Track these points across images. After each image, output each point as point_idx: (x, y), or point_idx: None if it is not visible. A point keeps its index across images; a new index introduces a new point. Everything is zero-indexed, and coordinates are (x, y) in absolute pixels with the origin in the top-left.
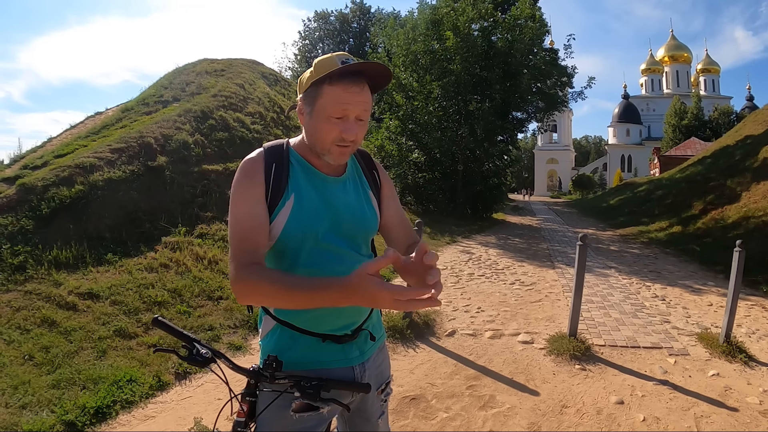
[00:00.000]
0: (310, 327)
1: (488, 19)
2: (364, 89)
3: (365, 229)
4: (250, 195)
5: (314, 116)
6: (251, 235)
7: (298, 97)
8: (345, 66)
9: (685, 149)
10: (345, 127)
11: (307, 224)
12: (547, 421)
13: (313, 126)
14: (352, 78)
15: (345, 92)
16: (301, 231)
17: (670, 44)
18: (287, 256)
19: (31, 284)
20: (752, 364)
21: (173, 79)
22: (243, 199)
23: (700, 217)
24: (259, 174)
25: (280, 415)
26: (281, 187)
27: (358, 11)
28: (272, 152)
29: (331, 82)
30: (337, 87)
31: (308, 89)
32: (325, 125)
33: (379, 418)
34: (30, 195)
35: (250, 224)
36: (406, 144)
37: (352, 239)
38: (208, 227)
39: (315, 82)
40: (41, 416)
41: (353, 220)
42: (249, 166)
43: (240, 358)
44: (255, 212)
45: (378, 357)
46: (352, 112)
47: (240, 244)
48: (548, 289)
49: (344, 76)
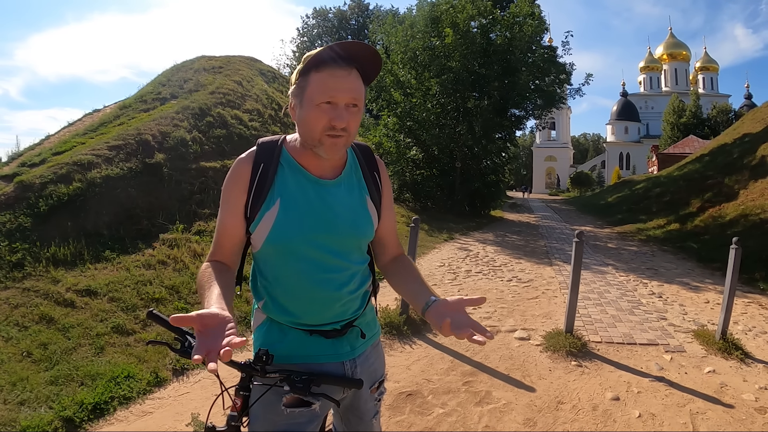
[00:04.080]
0: (294, 321)
1: (487, 17)
2: (352, 73)
3: (357, 235)
4: (231, 203)
5: (303, 107)
6: (219, 237)
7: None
8: (329, 48)
9: (683, 147)
10: (335, 114)
11: (293, 230)
12: (543, 417)
13: (302, 117)
14: (339, 62)
15: (331, 77)
16: (287, 237)
17: (668, 42)
18: (274, 261)
19: (29, 281)
20: (748, 361)
21: (171, 76)
22: (224, 203)
23: (698, 214)
24: (244, 180)
25: (272, 410)
26: (264, 192)
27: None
28: (264, 151)
29: (318, 69)
30: (323, 73)
31: (297, 82)
32: (314, 113)
33: (373, 417)
34: (28, 192)
35: (220, 229)
36: (404, 141)
37: (342, 246)
38: (206, 224)
39: (302, 73)
40: (39, 412)
41: (344, 226)
42: (236, 170)
43: (236, 353)
44: (228, 220)
45: (371, 354)
46: (341, 98)
47: (214, 242)
48: (545, 286)
49: (330, 61)
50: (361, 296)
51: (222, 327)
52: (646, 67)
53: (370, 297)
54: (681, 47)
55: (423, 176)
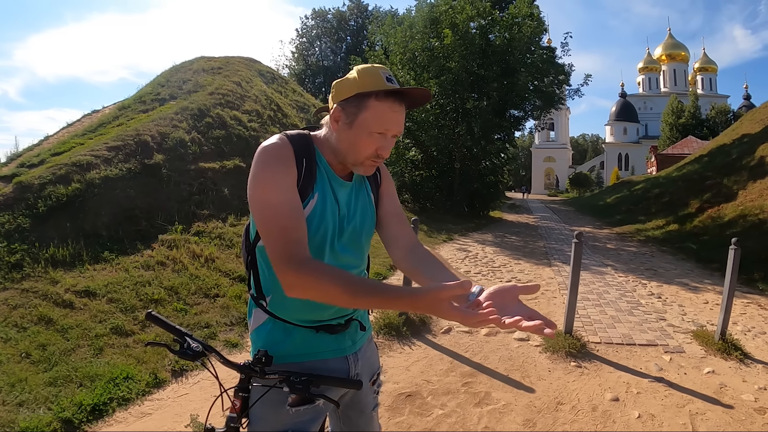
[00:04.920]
0: (304, 319)
1: (486, 18)
2: (403, 109)
3: (369, 233)
4: (287, 182)
5: (355, 128)
6: (297, 224)
7: (334, 103)
8: (396, 88)
9: (682, 148)
10: (383, 144)
11: (322, 227)
12: (543, 418)
13: (351, 138)
14: (399, 98)
15: (391, 111)
16: (316, 232)
17: (667, 43)
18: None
19: (27, 282)
20: (747, 362)
21: (170, 76)
22: (278, 184)
23: (697, 215)
24: (292, 161)
25: (275, 410)
26: (311, 183)
27: (356, 9)
28: (300, 145)
29: (378, 98)
30: (384, 104)
31: (350, 98)
32: (366, 140)
33: (373, 409)
34: (27, 193)
35: (293, 213)
36: (403, 142)
37: (357, 244)
38: (205, 225)
39: (361, 94)
40: (38, 414)
41: (361, 225)
42: (281, 152)
43: (236, 354)
44: (294, 201)
45: (368, 347)
46: (392, 131)
47: (288, 234)
48: (544, 286)
49: (391, 94)
50: None
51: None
52: (644, 67)
53: None
54: (680, 48)
55: (422, 177)
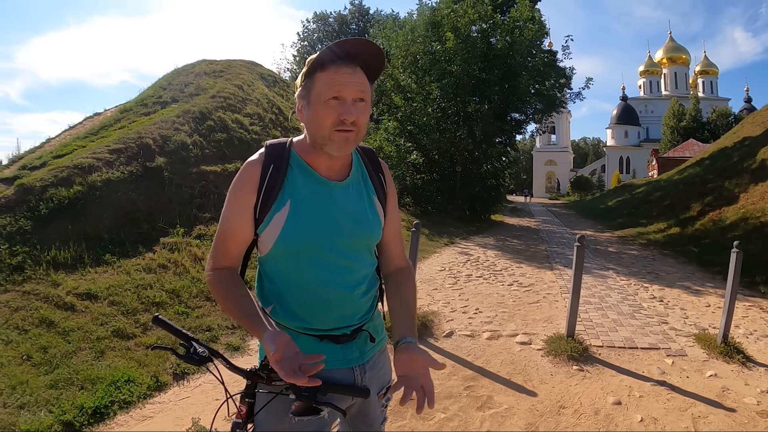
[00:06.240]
0: (304, 327)
1: (488, 21)
2: (357, 71)
3: (366, 236)
4: (239, 203)
5: (311, 106)
6: (225, 239)
7: (296, 97)
8: (331, 48)
9: (683, 151)
10: (344, 108)
11: (304, 233)
12: (545, 422)
13: (311, 116)
14: (343, 60)
15: (337, 74)
16: (298, 239)
17: (668, 46)
18: (283, 264)
19: (29, 284)
20: (750, 365)
21: (172, 80)
22: (231, 204)
23: (699, 218)
24: (253, 181)
25: (279, 418)
26: (274, 193)
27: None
28: (273, 152)
29: (323, 69)
30: (328, 71)
31: (302, 84)
32: (323, 109)
33: (382, 423)
34: (28, 195)
35: (228, 230)
36: (405, 145)
37: (352, 247)
38: (207, 228)
39: (307, 75)
40: (39, 416)
41: (354, 227)
42: (246, 171)
43: (238, 358)
44: (236, 221)
45: (379, 359)
46: (349, 93)
47: (217, 245)
48: (546, 290)
49: (334, 60)
50: (371, 300)
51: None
52: (645, 71)
53: (377, 301)
54: (681, 51)
55: (423, 180)
